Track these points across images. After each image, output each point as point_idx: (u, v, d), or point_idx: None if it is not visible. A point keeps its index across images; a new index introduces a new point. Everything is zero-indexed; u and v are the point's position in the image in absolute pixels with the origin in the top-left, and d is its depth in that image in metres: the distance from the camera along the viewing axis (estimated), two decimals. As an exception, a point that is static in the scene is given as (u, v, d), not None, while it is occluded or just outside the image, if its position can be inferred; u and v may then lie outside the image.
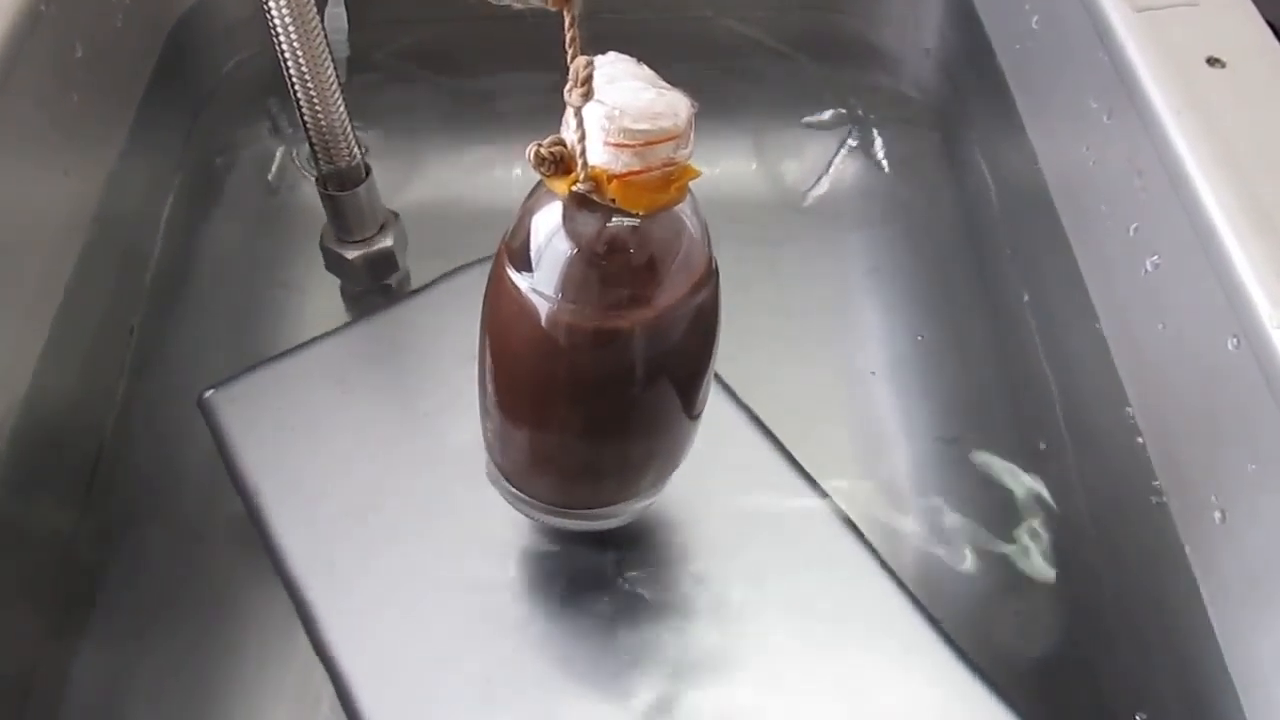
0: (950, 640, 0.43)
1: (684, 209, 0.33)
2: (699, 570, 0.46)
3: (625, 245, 0.33)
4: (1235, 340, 0.41)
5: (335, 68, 0.50)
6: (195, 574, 0.51)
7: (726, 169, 0.70)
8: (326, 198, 0.55)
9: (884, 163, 0.69)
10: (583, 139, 0.29)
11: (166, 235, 0.64)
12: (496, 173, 0.68)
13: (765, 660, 0.43)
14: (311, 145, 0.53)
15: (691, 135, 0.30)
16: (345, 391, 0.51)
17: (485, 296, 0.37)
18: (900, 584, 0.45)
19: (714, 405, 0.46)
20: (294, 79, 0.49)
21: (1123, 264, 0.49)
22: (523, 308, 0.34)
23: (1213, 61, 0.47)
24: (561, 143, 0.30)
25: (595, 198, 0.30)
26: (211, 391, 0.51)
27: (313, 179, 0.55)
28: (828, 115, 0.72)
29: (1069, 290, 0.54)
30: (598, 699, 0.42)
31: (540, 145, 0.30)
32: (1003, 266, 0.62)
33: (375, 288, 0.59)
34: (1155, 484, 0.46)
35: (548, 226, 0.33)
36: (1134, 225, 0.49)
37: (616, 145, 0.29)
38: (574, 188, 0.30)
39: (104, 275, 0.58)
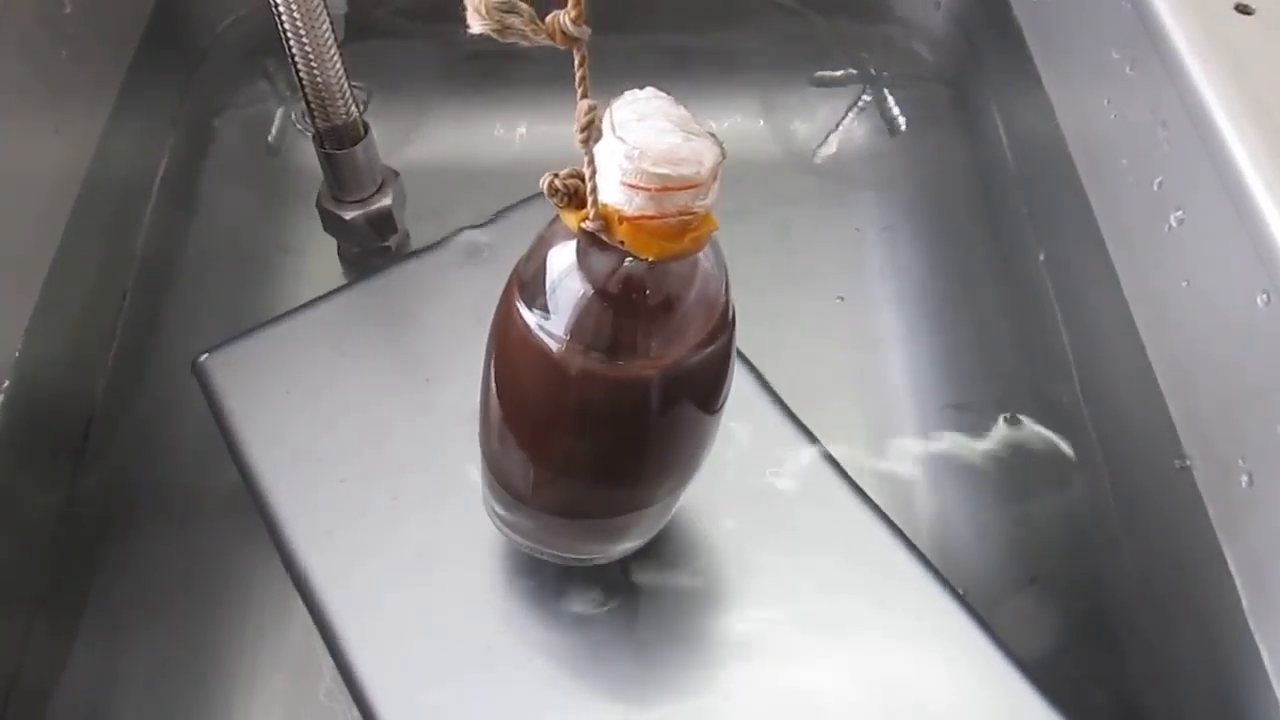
0: (971, 609, 0.42)
1: (705, 255, 0.32)
2: (710, 543, 0.45)
3: (638, 289, 0.31)
4: (1265, 297, 0.39)
5: (332, 24, 0.49)
6: (190, 543, 0.50)
7: (733, 126, 0.69)
8: (324, 156, 0.54)
9: (897, 120, 0.68)
10: (593, 176, 0.28)
11: (160, 197, 0.63)
12: (498, 132, 0.67)
13: (781, 635, 0.42)
14: (308, 102, 0.51)
15: (715, 187, 0.29)
16: (343, 355, 0.50)
17: (493, 322, 0.36)
18: (917, 552, 0.44)
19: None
20: (289, 33, 0.48)
21: (1145, 220, 0.48)
22: (528, 342, 0.33)
23: (1241, 9, 0.45)
24: (579, 175, 0.29)
25: (604, 237, 0.29)
26: (206, 356, 0.49)
27: (310, 137, 0.54)
28: (838, 72, 0.70)
29: (1087, 249, 0.53)
30: (604, 670, 0.42)
31: (556, 176, 0.29)
32: (1018, 225, 0.60)
33: (374, 249, 0.58)
34: (1178, 447, 0.45)
35: (561, 261, 0.32)
36: (1158, 180, 0.47)
37: (631, 186, 0.28)
38: (583, 225, 0.29)
39: (96, 238, 0.57)
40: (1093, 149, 0.54)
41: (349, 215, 0.56)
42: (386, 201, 0.56)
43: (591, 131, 0.27)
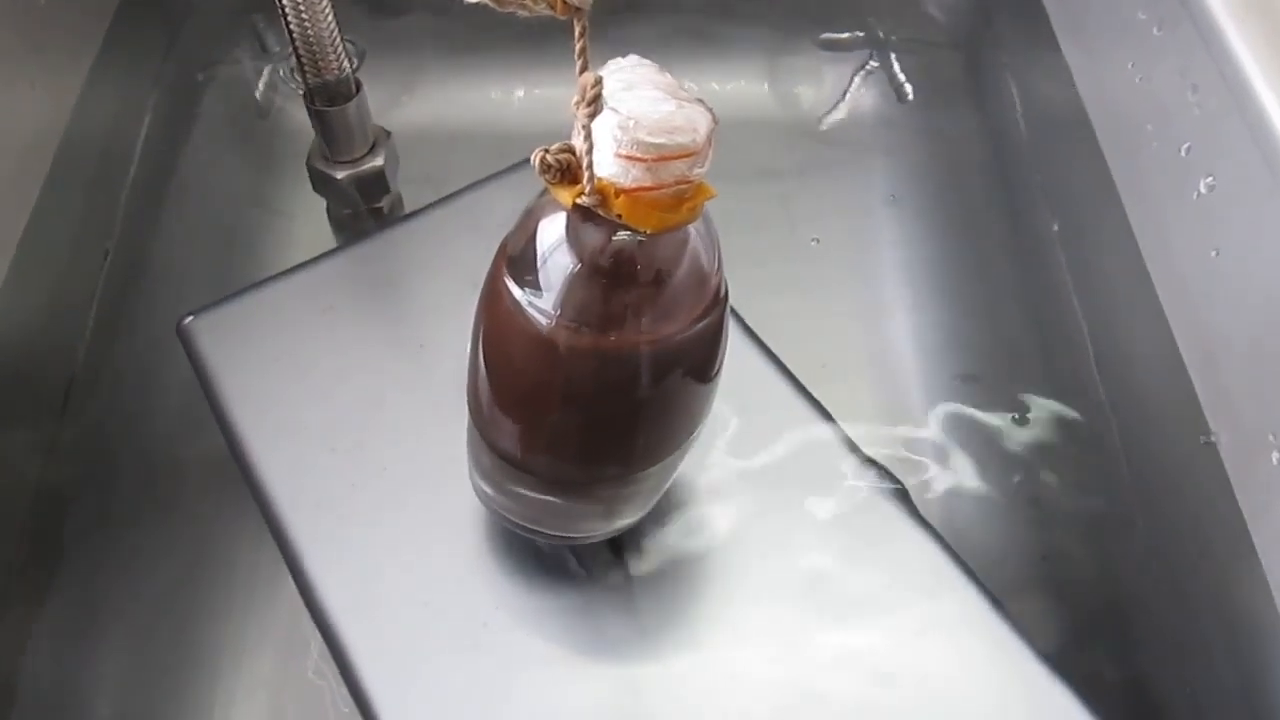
0: (984, 588, 0.41)
1: (696, 227, 0.31)
2: (713, 519, 0.43)
3: (630, 264, 0.31)
4: (1300, 265, 0.38)
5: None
6: (173, 512, 0.49)
7: (737, 90, 0.67)
8: (314, 113, 0.52)
9: (905, 86, 0.66)
10: (589, 151, 0.28)
11: (144, 155, 0.61)
12: (494, 94, 0.65)
13: (786, 614, 0.41)
14: (298, 56, 0.50)
15: (710, 153, 0.28)
16: (332, 319, 0.49)
17: (480, 296, 0.35)
18: (930, 528, 0.43)
19: (731, 341, 0.44)
20: (279, -18, 0.46)
21: (1170, 188, 0.47)
22: (517, 318, 0.32)
23: (1277, -34, 0.44)
24: (570, 150, 0.28)
25: (601, 212, 0.29)
26: (191, 318, 0.48)
27: (300, 94, 0.52)
28: (845, 35, 0.68)
29: (1106, 218, 0.51)
30: (601, 646, 0.41)
31: (547, 151, 0.28)
32: (1031, 195, 0.59)
33: (365, 211, 0.57)
34: (1203, 422, 0.43)
35: (550, 237, 0.31)
36: (1185, 145, 0.46)
37: (627, 158, 0.27)
38: (578, 200, 0.29)
39: (75, 195, 0.56)
40: (1114, 115, 0.53)
41: (340, 175, 0.54)
42: (378, 162, 0.55)
43: (597, 106, 0.26)
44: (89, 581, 0.47)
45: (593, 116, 0.27)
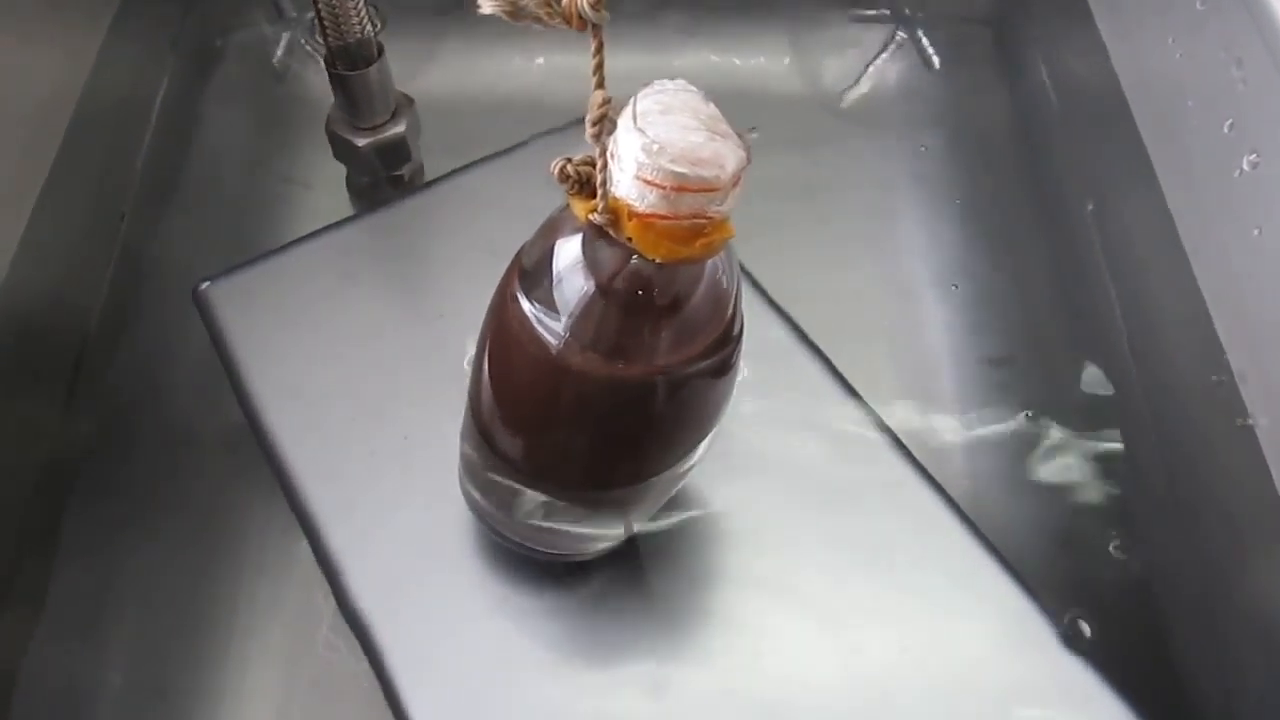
0: (1014, 570, 0.41)
1: (718, 261, 0.30)
2: (739, 496, 0.43)
3: (645, 289, 0.30)
4: (1349, 246, 0.37)
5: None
6: (187, 483, 0.49)
7: (759, 63, 0.66)
8: (335, 78, 0.51)
9: (933, 61, 0.65)
10: (604, 168, 0.27)
11: (161, 118, 0.61)
12: (516, 62, 0.64)
13: (813, 593, 0.41)
14: (320, 18, 0.49)
15: (735, 193, 0.27)
16: (353, 287, 0.48)
17: (490, 306, 0.34)
18: (959, 510, 0.42)
19: (759, 319, 0.43)
20: (301, -60, 0.45)
21: (1211, 165, 0.46)
22: (525, 333, 0.32)
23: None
24: (593, 163, 0.28)
25: (611, 232, 0.28)
26: (208, 284, 0.48)
27: (320, 58, 0.51)
28: (871, 11, 0.67)
29: (1141, 197, 0.50)
30: (620, 622, 0.40)
31: (568, 161, 0.28)
32: (1062, 173, 0.58)
33: (385, 179, 0.56)
34: (1240, 405, 0.43)
35: (566, 253, 0.30)
36: (1229, 122, 0.44)
37: (645, 182, 0.26)
38: (590, 216, 0.28)
39: (92, 158, 0.55)
40: (1152, 91, 0.51)
41: (361, 142, 0.53)
42: (400, 129, 0.54)
43: (604, 125, 0.26)
44: (100, 549, 0.47)
45: (599, 136, 0.26)
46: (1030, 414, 0.50)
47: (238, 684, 0.44)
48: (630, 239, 0.27)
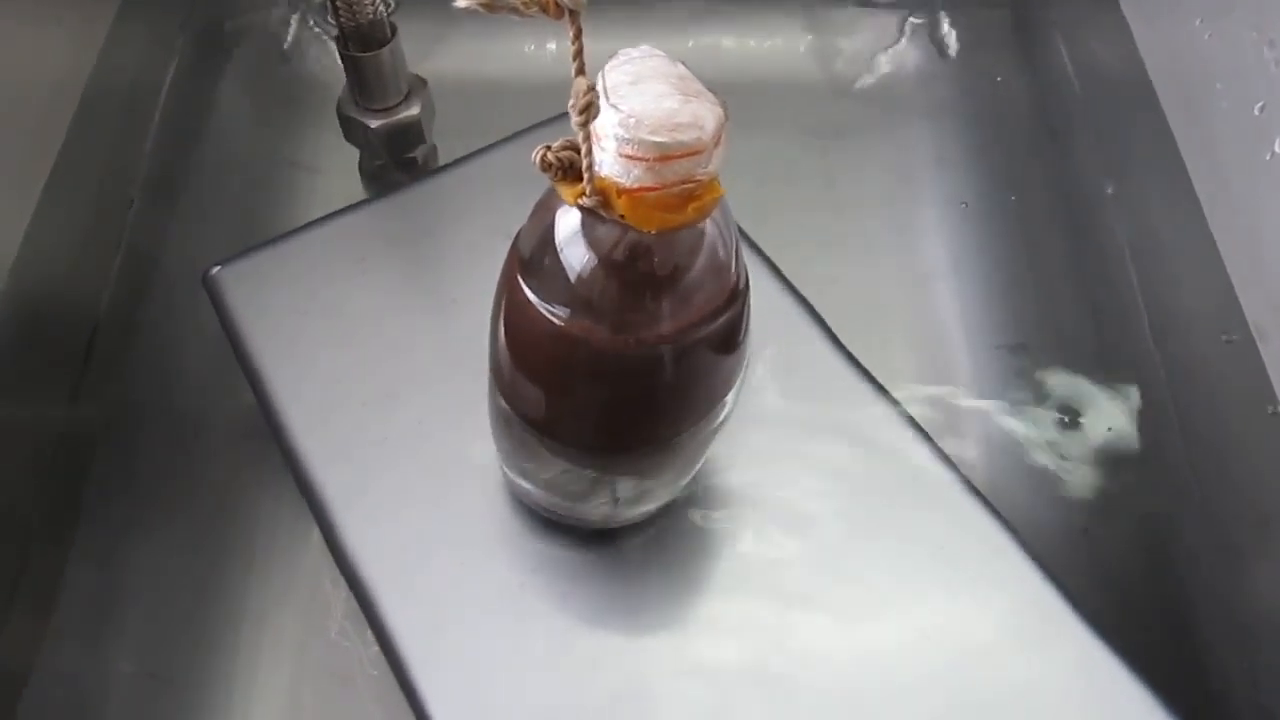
0: (1027, 546, 0.40)
1: (713, 220, 0.30)
2: (756, 481, 0.42)
3: (645, 259, 0.30)
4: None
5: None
6: (198, 469, 0.48)
7: (773, 47, 0.65)
8: (347, 59, 0.51)
9: (949, 43, 0.64)
10: (589, 153, 0.27)
11: (169, 102, 0.60)
12: (528, 48, 0.64)
13: (833, 576, 0.40)
14: (332, -2, 0.48)
15: (718, 151, 0.27)
16: (365, 272, 0.47)
17: (497, 290, 0.34)
18: (983, 498, 0.42)
19: (777, 305, 0.43)
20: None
21: (1242, 149, 0.45)
22: (530, 313, 0.32)
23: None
24: (574, 146, 0.27)
25: (602, 213, 0.28)
26: (218, 268, 0.47)
27: (331, 40, 0.51)
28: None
29: (1166, 181, 0.50)
30: (638, 604, 0.40)
31: (549, 149, 0.27)
32: (1083, 157, 0.57)
33: (398, 162, 0.55)
34: (1271, 394, 0.42)
35: (562, 231, 0.30)
36: (1260, 104, 0.44)
37: (628, 158, 0.26)
38: (580, 202, 0.28)
39: (100, 141, 0.54)
40: (1179, 74, 0.51)
41: (373, 124, 0.53)
42: (414, 111, 0.53)
43: (590, 112, 0.25)
44: (111, 535, 0.46)
45: (585, 124, 0.26)
46: (1049, 400, 0.49)
47: (249, 671, 0.43)
48: (623, 216, 0.27)
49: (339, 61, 0.51)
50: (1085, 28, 0.60)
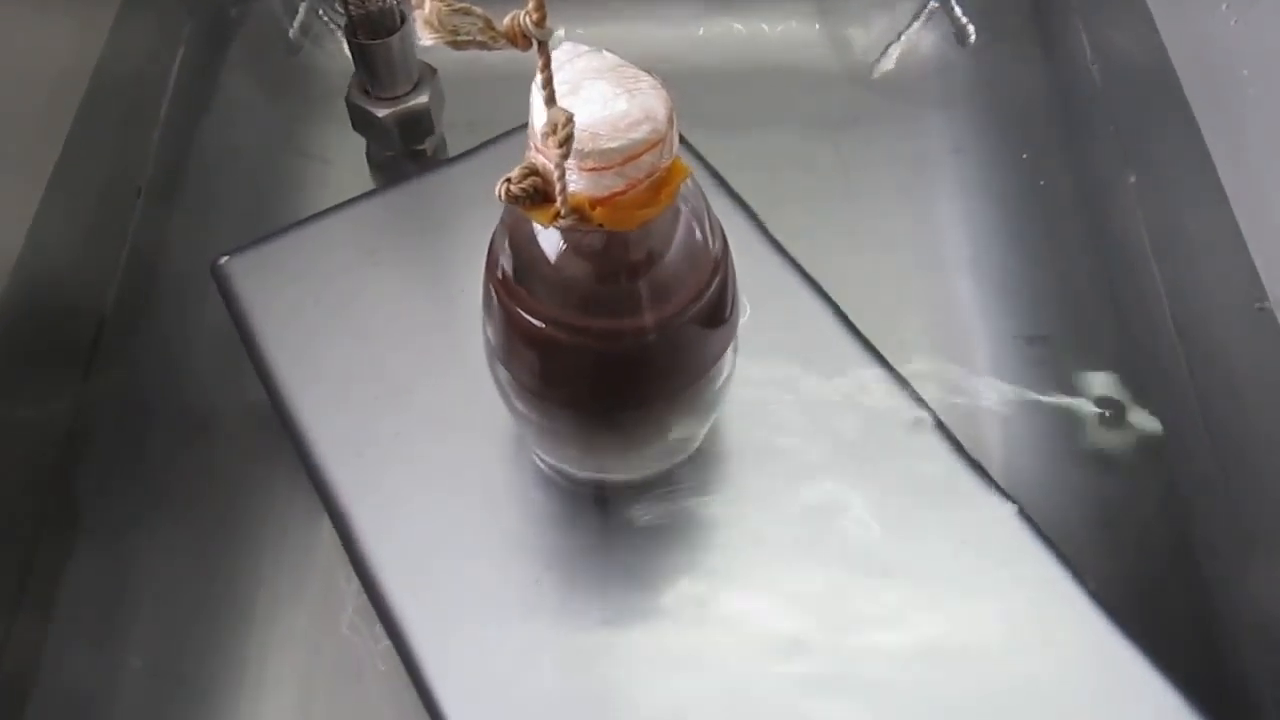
0: (1046, 537, 0.40)
1: (685, 199, 0.30)
2: (771, 465, 0.42)
3: (621, 249, 0.30)
4: None
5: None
6: (207, 463, 0.48)
7: (785, 32, 0.64)
8: (356, 47, 0.50)
9: (967, 29, 0.63)
10: (561, 176, 0.26)
11: (176, 90, 0.60)
12: (537, 34, 0.63)
13: (851, 569, 0.40)
14: (339, -16, 0.47)
15: (674, 135, 0.27)
16: (375, 264, 0.47)
17: (483, 293, 0.35)
18: (991, 480, 0.41)
19: (790, 291, 0.44)
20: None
21: (1270, 137, 0.44)
22: (512, 317, 0.32)
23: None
24: (534, 172, 0.27)
25: (582, 229, 0.28)
26: (226, 258, 0.47)
27: (340, 29, 0.50)
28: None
29: (1190, 170, 0.49)
30: (651, 596, 0.39)
31: (510, 181, 0.27)
32: (1104, 146, 0.56)
33: (406, 152, 0.55)
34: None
35: (533, 236, 0.31)
36: (1290, 93, 0.43)
37: (594, 170, 0.26)
38: (556, 224, 0.28)
39: (107, 130, 0.54)
40: (1204, 61, 0.50)
41: (382, 113, 0.52)
42: (423, 100, 0.52)
43: (570, 145, 0.25)
44: (120, 530, 0.46)
45: (566, 157, 0.25)
46: (1068, 391, 0.49)
47: (259, 668, 0.43)
48: (602, 225, 0.27)
49: (347, 50, 0.51)
50: (1107, 13, 0.59)
